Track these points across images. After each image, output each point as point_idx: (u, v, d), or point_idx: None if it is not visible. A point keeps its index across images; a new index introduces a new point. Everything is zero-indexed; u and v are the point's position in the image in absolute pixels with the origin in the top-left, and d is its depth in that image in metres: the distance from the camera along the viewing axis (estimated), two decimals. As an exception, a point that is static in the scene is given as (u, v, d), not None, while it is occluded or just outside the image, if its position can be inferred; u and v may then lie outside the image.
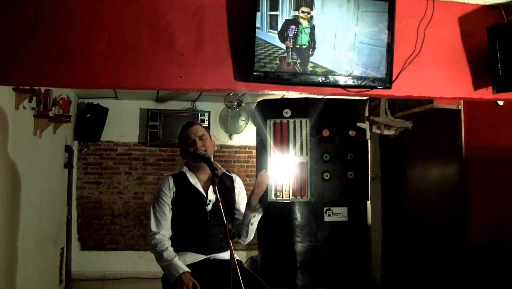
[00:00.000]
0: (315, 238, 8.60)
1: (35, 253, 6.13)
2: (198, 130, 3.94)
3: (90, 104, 9.17)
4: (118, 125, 9.60)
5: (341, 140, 8.78)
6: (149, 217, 3.90)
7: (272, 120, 8.82)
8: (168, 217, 3.86)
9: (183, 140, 3.94)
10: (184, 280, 3.53)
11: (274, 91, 4.09)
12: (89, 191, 9.54)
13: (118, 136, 9.66)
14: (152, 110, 9.45)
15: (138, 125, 9.73)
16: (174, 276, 3.59)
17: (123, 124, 9.66)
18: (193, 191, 3.86)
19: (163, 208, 3.85)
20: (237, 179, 4.19)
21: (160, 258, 3.72)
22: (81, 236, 9.47)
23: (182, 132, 3.96)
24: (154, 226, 3.84)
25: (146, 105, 9.65)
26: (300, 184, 8.67)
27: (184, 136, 3.94)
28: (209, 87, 3.93)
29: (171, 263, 3.64)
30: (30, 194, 5.77)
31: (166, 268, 3.67)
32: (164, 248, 3.73)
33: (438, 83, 4.42)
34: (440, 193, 6.76)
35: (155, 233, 3.81)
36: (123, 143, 9.68)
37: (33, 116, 5.88)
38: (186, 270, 3.60)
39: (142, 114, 9.69)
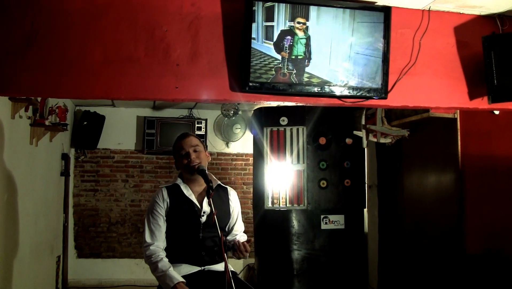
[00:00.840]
0: (312, 246, 8.59)
1: (31, 261, 6.12)
2: (193, 141, 3.94)
3: (87, 112, 9.16)
4: (115, 133, 9.59)
5: (337, 148, 8.78)
6: (144, 228, 3.90)
7: (269, 128, 8.83)
8: (163, 228, 3.86)
9: (177, 152, 3.94)
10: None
11: (270, 101, 4.09)
12: (86, 198, 9.52)
13: (115, 144, 9.65)
14: (149, 118, 9.44)
15: (135, 133, 9.72)
16: (169, 286, 3.59)
17: (120, 132, 9.65)
18: (187, 202, 3.87)
19: (157, 219, 3.86)
20: (231, 191, 4.18)
21: (155, 269, 3.72)
22: (77, 244, 9.45)
23: (176, 144, 3.97)
24: (148, 237, 3.84)
25: (143, 113, 9.64)
26: (296, 191, 8.67)
27: (178, 148, 3.94)
28: (205, 98, 3.93)
29: (166, 274, 3.64)
30: (26, 202, 5.77)
31: (161, 279, 3.67)
32: (158, 258, 3.73)
33: (434, 93, 4.43)
34: (436, 201, 6.76)
35: (150, 244, 3.81)
36: (120, 151, 9.67)
37: (30, 125, 5.88)
38: (181, 280, 3.61)
39: (139, 122, 9.68)
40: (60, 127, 6.78)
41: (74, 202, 9.44)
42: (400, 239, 7.69)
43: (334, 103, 4.18)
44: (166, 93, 3.86)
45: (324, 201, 8.62)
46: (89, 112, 9.16)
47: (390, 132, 7.18)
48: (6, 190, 5.04)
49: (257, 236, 9.09)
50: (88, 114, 9.14)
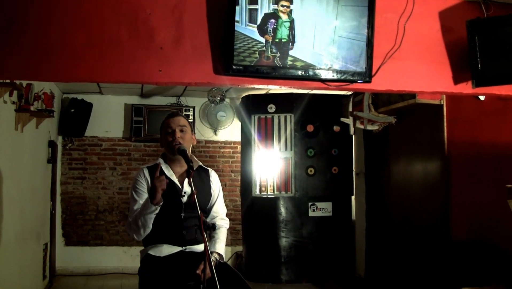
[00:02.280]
0: (299, 233, 8.63)
1: (16, 247, 6.09)
2: (181, 121, 3.95)
3: (74, 99, 9.12)
4: (103, 121, 9.56)
5: (325, 135, 8.82)
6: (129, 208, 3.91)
7: (256, 115, 8.84)
8: None
9: (164, 129, 3.96)
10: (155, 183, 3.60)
11: (254, 85, 4.07)
12: (74, 186, 9.50)
13: (102, 131, 9.62)
14: (136, 106, 9.42)
15: (123, 121, 9.69)
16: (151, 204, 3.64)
17: (108, 119, 9.62)
18: (168, 182, 3.86)
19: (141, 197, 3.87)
20: (212, 172, 4.18)
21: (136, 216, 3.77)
22: (65, 232, 9.43)
23: (165, 121, 3.98)
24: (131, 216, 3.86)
25: (131, 101, 9.62)
26: (284, 179, 8.70)
27: (165, 125, 3.95)
28: (188, 81, 3.92)
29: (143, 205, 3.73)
30: (11, 188, 5.74)
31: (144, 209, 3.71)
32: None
33: (418, 77, 4.42)
34: (423, 188, 6.78)
35: None
36: (107, 138, 9.64)
37: (14, 110, 5.84)
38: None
39: (126, 110, 9.66)
40: (46, 113, 6.74)
41: (61, 190, 9.42)
42: (387, 226, 7.72)
43: (318, 87, 4.17)
44: (150, 77, 3.84)
45: (312, 188, 8.67)
46: (77, 100, 9.12)
47: (377, 119, 7.19)
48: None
49: (245, 223, 9.11)
50: (76, 102, 9.10)
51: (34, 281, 7.27)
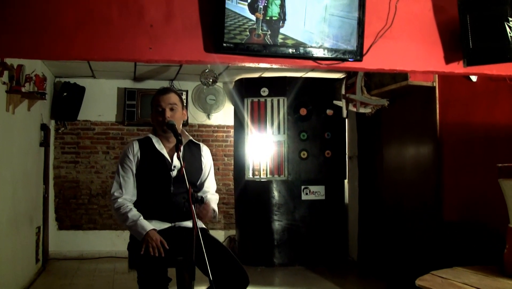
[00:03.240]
0: (292, 217, 8.65)
1: (9, 230, 6.09)
2: (171, 99, 3.92)
3: (67, 83, 9.09)
4: (96, 105, 9.54)
5: (318, 119, 8.82)
6: (112, 181, 3.90)
7: (249, 99, 8.83)
8: (131, 182, 3.86)
9: (154, 106, 3.93)
10: (152, 236, 3.55)
11: (245, 63, 4.05)
12: (67, 170, 9.49)
13: (95, 115, 9.61)
14: (129, 90, 9.40)
15: (116, 105, 9.68)
16: (141, 234, 3.60)
17: (101, 103, 9.60)
18: (158, 156, 3.85)
19: (127, 172, 3.85)
20: (204, 147, 4.16)
21: (125, 219, 3.72)
22: (58, 216, 9.43)
23: (155, 98, 3.95)
24: (116, 190, 3.85)
25: (124, 84, 9.60)
26: (277, 162, 8.71)
27: (156, 103, 3.93)
28: (179, 59, 3.90)
29: (137, 223, 3.66)
30: (3, 170, 5.73)
31: (133, 229, 3.69)
32: (127, 209, 3.73)
33: (410, 57, 4.41)
34: (415, 170, 6.80)
35: (118, 197, 3.82)
36: (100, 122, 9.63)
37: (6, 92, 5.82)
38: (152, 228, 3.61)
39: (119, 94, 9.63)
40: (37, 95, 6.72)
41: (54, 174, 9.41)
42: (380, 209, 7.73)
43: (309, 65, 4.15)
44: (140, 55, 3.82)
45: (305, 171, 8.68)
46: (69, 84, 9.09)
47: (370, 102, 7.19)
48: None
49: (238, 207, 9.13)
50: (68, 86, 9.07)
51: (27, 264, 7.27)
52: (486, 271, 4.35)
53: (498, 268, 4.38)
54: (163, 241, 3.55)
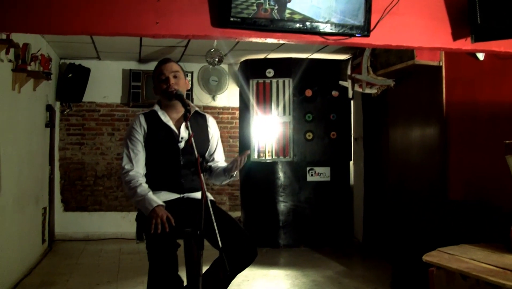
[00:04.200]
0: (297, 198, 8.65)
1: (15, 210, 6.11)
2: (173, 67, 3.91)
3: (72, 64, 9.08)
4: (101, 86, 9.53)
5: (324, 100, 8.80)
6: (122, 155, 3.88)
7: (255, 80, 8.82)
8: (142, 155, 3.85)
9: (157, 77, 3.91)
10: (158, 212, 3.53)
11: (252, 38, 4.04)
12: (72, 152, 9.50)
13: (100, 97, 9.59)
14: (134, 71, 9.38)
15: (121, 86, 9.66)
16: (148, 209, 3.58)
17: (106, 85, 9.59)
18: (165, 128, 3.84)
19: (136, 145, 3.84)
20: (210, 118, 4.14)
21: (134, 194, 3.70)
22: (64, 197, 9.45)
23: (157, 69, 3.93)
24: (127, 164, 3.83)
25: (129, 66, 9.57)
26: (282, 143, 8.70)
27: (158, 73, 3.91)
28: (186, 34, 3.89)
29: (145, 198, 3.64)
30: (9, 149, 5.73)
31: (140, 203, 3.67)
32: (137, 184, 3.71)
33: (417, 33, 4.40)
34: (421, 151, 6.78)
35: (129, 170, 3.80)
36: (105, 104, 9.62)
37: (11, 70, 5.82)
38: (160, 203, 3.60)
39: (124, 75, 9.62)
40: (43, 75, 6.72)
41: (60, 156, 9.41)
42: (385, 190, 7.73)
43: (317, 40, 4.14)
44: (147, 29, 3.81)
45: (310, 153, 8.67)
46: (74, 65, 9.08)
47: (376, 82, 7.16)
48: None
49: (243, 189, 9.14)
50: (73, 67, 9.06)
51: (34, 244, 7.30)
52: (493, 248, 4.35)
53: (505, 245, 4.38)
54: (169, 217, 3.53)
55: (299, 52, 8.62)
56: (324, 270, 6.95)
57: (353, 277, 6.59)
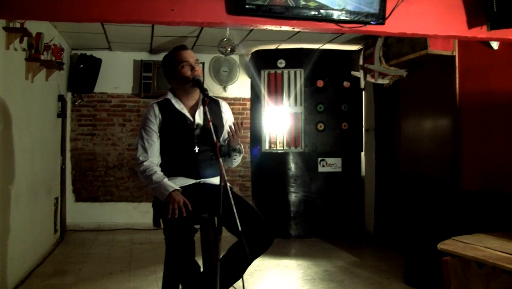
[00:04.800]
0: (308, 189, 8.65)
1: (28, 199, 6.12)
2: (194, 55, 3.93)
3: (83, 55, 9.08)
4: (112, 77, 9.53)
5: (335, 91, 8.79)
6: (137, 146, 3.88)
7: (266, 70, 8.81)
8: (156, 145, 3.85)
9: (178, 63, 3.87)
10: (175, 197, 3.54)
11: (267, 25, 4.03)
12: (83, 142, 9.51)
13: (111, 88, 9.60)
14: (146, 62, 9.37)
15: (132, 77, 9.66)
16: (164, 195, 3.59)
17: (117, 76, 9.59)
18: (179, 116, 3.84)
19: (151, 135, 3.84)
20: (223, 103, 4.15)
21: (150, 181, 3.71)
22: (75, 188, 9.47)
23: (176, 55, 3.90)
24: (142, 154, 3.85)
25: (140, 57, 9.57)
26: (294, 134, 8.69)
27: (179, 58, 3.88)
28: (201, 21, 3.88)
29: (161, 184, 3.65)
30: (22, 138, 5.75)
31: (157, 189, 3.68)
32: (153, 171, 3.73)
33: (432, 21, 4.38)
34: (433, 141, 6.76)
35: (143, 161, 3.82)
36: (117, 95, 9.63)
37: (25, 59, 5.83)
38: (176, 188, 3.60)
39: (135, 66, 9.62)
40: (56, 64, 6.72)
41: (71, 146, 9.43)
42: (397, 181, 7.72)
43: (332, 28, 4.13)
44: (162, 16, 3.80)
45: (321, 143, 8.67)
46: (85, 56, 9.09)
47: (388, 72, 7.14)
48: (2, 121, 5.00)
49: (254, 179, 9.14)
50: (84, 58, 9.07)
51: (46, 234, 7.33)
52: (508, 237, 4.33)
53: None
54: (186, 202, 3.54)
55: (311, 43, 8.60)
56: (336, 260, 6.94)
57: (365, 267, 6.58)
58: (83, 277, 6.04)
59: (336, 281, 5.94)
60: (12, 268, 5.34)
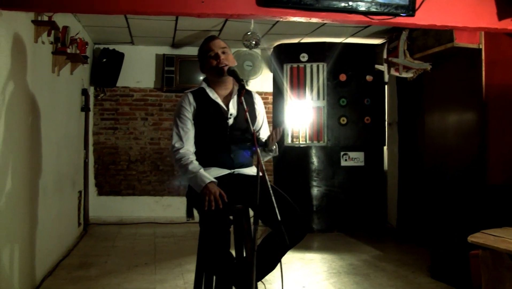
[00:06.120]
0: (331, 183, 8.64)
1: (54, 191, 6.17)
2: (221, 44, 3.86)
3: (106, 49, 9.12)
4: (134, 71, 9.56)
5: (358, 85, 8.77)
6: (172, 134, 3.87)
7: (288, 64, 8.81)
8: (191, 132, 3.83)
9: (205, 53, 3.85)
10: (211, 189, 3.53)
11: (296, 17, 4.03)
12: (106, 136, 9.55)
13: (134, 82, 9.62)
14: (168, 56, 9.38)
15: (154, 71, 9.68)
16: (200, 186, 3.58)
17: (139, 70, 9.61)
18: (214, 105, 3.81)
19: (186, 123, 3.81)
20: (256, 95, 4.12)
21: (186, 171, 3.70)
22: (98, 182, 9.51)
23: (205, 45, 3.87)
24: (177, 142, 3.82)
25: (162, 51, 9.59)
26: (316, 128, 8.68)
27: (206, 49, 3.85)
28: (231, 13, 3.89)
29: (197, 174, 3.63)
30: (49, 131, 5.78)
31: (192, 180, 3.67)
32: (189, 161, 3.71)
33: (462, 13, 4.36)
34: (458, 135, 6.71)
35: (179, 148, 3.79)
36: (139, 89, 9.65)
37: (52, 53, 5.86)
38: (213, 180, 3.60)
39: (158, 60, 9.64)
40: (81, 57, 6.75)
41: (94, 140, 9.47)
42: (420, 175, 7.68)
43: (361, 20, 4.11)
44: (192, 8, 3.82)
45: (344, 138, 8.66)
46: (108, 50, 9.12)
47: (413, 66, 7.10)
48: (31, 113, 5.04)
49: (276, 173, 9.14)
50: (107, 52, 9.10)
51: (70, 226, 7.39)
52: (538, 231, 4.30)
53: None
54: (222, 194, 3.53)
55: (333, 37, 8.58)
56: (360, 254, 6.94)
57: (390, 261, 6.57)
58: (109, 270, 6.07)
59: (361, 274, 5.93)
60: (40, 260, 5.38)
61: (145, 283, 5.54)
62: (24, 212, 4.88)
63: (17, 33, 4.57)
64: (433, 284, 5.54)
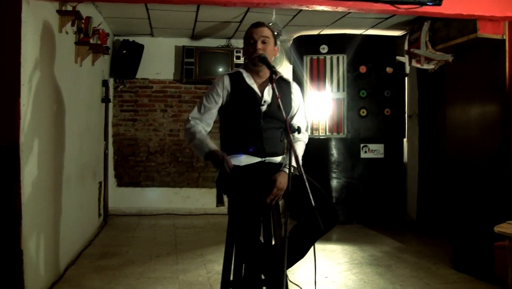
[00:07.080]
0: (351, 175, 8.63)
1: (76, 181, 6.21)
2: (264, 32, 3.81)
3: (126, 41, 9.13)
4: (154, 63, 9.57)
5: (378, 77, 8.74)
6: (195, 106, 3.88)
7: (308, 56, 8.79)
8: (212, 114, 3.84)
9: (247, 39, 3.84)
10: (217, 153, 3.57)
11: (323, 6, 4.02)
12: (125, 128, 9.57)
13: (153, 73, 9.63)
14: (187, 47, 9.38)
15: (174, 63, 9.69)
16: (204, 151, 3.63)
17: (159, 61, 9.62)
18: (248, 90, 3.79)
19: (211, 103, 3.81)
20: (294, 84, 4.07)
21: (193, 138, 3.73)
22: (117, 173, 9.54)
23: (248, 31, 3.85)
24: (196, 113, 3.84)
25: (181, 43, 9.58)
26: (336, 120, 8.66)
27: (248, 35, 3.84)
28: (257, 1, 3.90)
29: (203, 142, 3.68)
30: (71, 121, 5.80)
31: (197, 146, 3.70)
32: (197, 130, 3.75)
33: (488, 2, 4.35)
34: (481, 127, 6.68)
35: (194, 118, 3.82)
36: (158, 80, 9.66)
37: (74, 43, 5.88)
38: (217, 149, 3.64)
39: (177, 52, 9.64)
40: (103, 48, 6.78)
41: (113, 132, 9.50)
42: (441, 167, 7.65)
43: (387, 9, 4.10)
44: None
45: (364, 129, 8.64)
46: (128, 41, 9.13)
47: (434, 57, 7.06)
48: (55, 101, 5.08)
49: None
50: (127, 43, 9.11)
51: (92, 217, 7.44)
52: None
53: None
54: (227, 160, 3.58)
55: (353, 28, 8.54)
56: (381, 246, 6.93)
57: (411, 252, 6.55)
58: (131, 259, 6.10)
59: (383, 265, 5.92)
60: (63, 249, 5.42)
61: (168, 272, 5.56)
62: (49, 202, 4.92)
63: (44, 22, 4.60)
64: (456, 275, 5.51)
